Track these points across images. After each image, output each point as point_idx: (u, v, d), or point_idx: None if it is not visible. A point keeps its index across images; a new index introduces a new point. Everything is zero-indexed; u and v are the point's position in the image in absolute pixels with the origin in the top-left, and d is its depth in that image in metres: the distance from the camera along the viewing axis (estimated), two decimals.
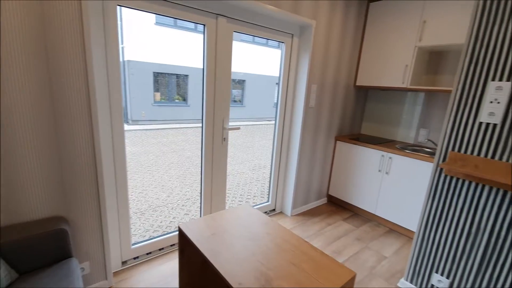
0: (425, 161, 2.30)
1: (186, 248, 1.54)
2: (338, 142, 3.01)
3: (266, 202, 2.91)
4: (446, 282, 1.69)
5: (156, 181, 4.18)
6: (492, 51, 1.40)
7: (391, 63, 2.61)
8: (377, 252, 2.33)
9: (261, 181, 4.47)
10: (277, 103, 2.65)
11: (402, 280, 1.93)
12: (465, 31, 2.14)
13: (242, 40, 11.14)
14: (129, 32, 8.58)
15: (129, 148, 6.22)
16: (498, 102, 1.40)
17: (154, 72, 9.49)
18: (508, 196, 1.41)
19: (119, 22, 1.61)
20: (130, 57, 8.87)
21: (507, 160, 1.40)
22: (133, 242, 2.03)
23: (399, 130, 2.98)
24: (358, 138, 2.96)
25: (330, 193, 3.18)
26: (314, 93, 2.60)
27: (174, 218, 2.98)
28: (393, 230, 2.70)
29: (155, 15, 1.83)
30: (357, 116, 3.26)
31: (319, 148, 2.90)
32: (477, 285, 1.57)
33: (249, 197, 3.76)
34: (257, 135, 9.31)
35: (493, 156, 1.45)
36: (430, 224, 1.73)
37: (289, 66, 2.55)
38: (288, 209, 2.86)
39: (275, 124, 2.71)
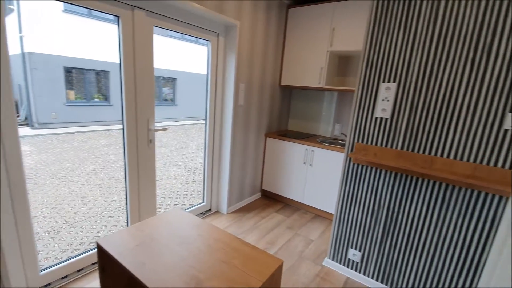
0: (339, 152, 2.63)
1: (108, 266, 1.39)
2: (268, 138, 3.17)
3: (201, 203, 2.86)
4: (359, 254, 1.98)
5: (74, 193, 3.64)
6: (382, 57, 1.69)
7: (309, 65, 2.88)
8: (305, 237, 2.56)
9: (198, 182, 4.37)
10: (206, 101, 2.63)
11: (326, 259, 2.17)
12: None
13: (170, 36, 10.56)
14: (32, 19, 7.15)
15: (36, 157, 5.24)
16: (388, 100, 1.70)
17: (65, 67, 8.16)
18: (398, 177, 1.73)
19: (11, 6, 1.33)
20: (33, 48, 7.41)
21: (396, 147, 1.71)
22: (43, 267, 1.73)
23: (320, 125, 3.32)
24: (286, 134, 3.18)
25: (263, 187, 3.33)
26: (242, 92, 2.67)
27: (98, 232, 2.66)
28: (318, 215, 3.01)
29: (61, 2, 1.58)
30: (284, 113, 3.49)
31: (250, 145, 3.00)
32: (381, 252, 1.88)
33: (185, 199, 3.63)
34: (191, 135, 9.03)
35: (386, 145, 1.75)
36: (344, 206, 2.00)
37: (217, 65, 2.55)
38: (223, 207, 2.88)
39: (205, 123, 2.68)
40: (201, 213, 2.84)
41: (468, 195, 1.51)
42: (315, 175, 2.84)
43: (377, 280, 1.93)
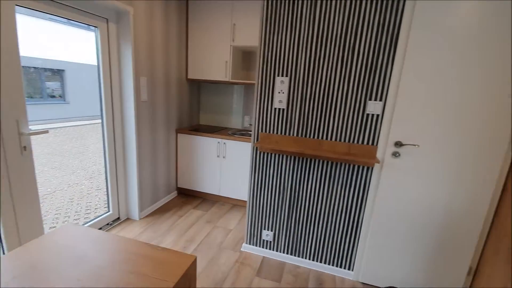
0: (249, 142, 2.78)
1: None
2: (179, 134, 3.05)
3: (107, 213, 2.54)
4: (271, 234, 2.17)
5: None
6: (275, 54, 1.85)
7: (215, 59, 2.89)
8: (224, 228, 2.63)
9: (103, 190, 3.84)
10: (101, 97, 2.30)
11: (244, 244, 2.29)
12: None
13: (53, 20, 8.67)
14: None
15: None
16: (283, 92, 1.89)
17: None
18: (297, 160, 1.96)
19: None
20: None
21: (293, 134, 1.93)
22: None
23: (231, 118, 3.41)
24: (198, 129, 3.13)
25: (179, 185, 3.22)
26: (144, 86, 2.46)
27: None
28: (236, 205, 3.13)
29: None
30: (194, 108, 3.42)
31: (160, 143, 2.82)
32: (289, 228, 2.11)
33: (89, 211, 3.15)
34: (91, 137, 7.82)
35: (285, 133, 1.95)
36: (255, 192, 2.13)
37: (109, 55, 2.25)
38: (135, 213, 2.64)
39: (102, 122, 2.36)
40: (108, 224, 2.53)
41: (347, 169, 1.86)
42: (229, 166, 2.92)
43: (287, 253, 2.16)
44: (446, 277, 1.79)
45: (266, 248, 2.22)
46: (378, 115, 1.72)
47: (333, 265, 2.07)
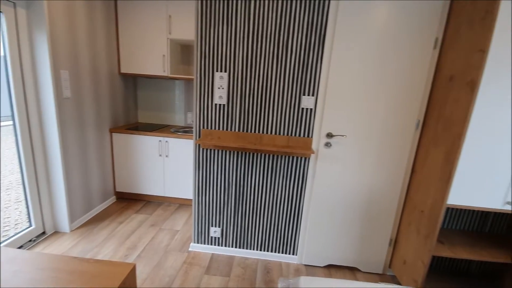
0: (192, 139, 2.70)
1: None
2: (114, 134, 2.80)
3: (29, 228, 2.19)
4: (218, 230, 2.17)
5: None
6: (213, 48, 1.82)
7: (151, 52, 2.71)
8: (171, 229, 2.53)
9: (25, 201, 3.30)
10: (10, 94, 1.96)
11: (192, 243, 2.24)
12: None
13: None
14: None
15: None
16: (223, 88, 1.88)
17: None
18: (240, 155, 1.98)
19: None
20: None
21: (235, 130, 1.94)
22: None
23: (173, 115, 3.26)
24: (137, 127, 2.92)
25: (118, 189, 2.96)
26: (67, 81, 2.17)
27: None
28: (183, 204, 3.03)
29: None
30: (131, 105, 3.17)
31: (91, 144, 2.54)
32: (236, 223, 2.13)
33: (8, 228, 2.67)
34: (4, 142, 6.62)
35: (227, 129, 1.95)
36: (200, 189, 2.10)
37: (19, 46, 1.92)
38: (64, 225, 2.34)
39: (14, 124, 2.01)
40: (31, 240, 2.19)
41: (287, 161, 1.96)
42: (173, 165, 2.80)
43: (236, 247, 2.19)
44: (373, 249, 2.04)
45: (215, 245, 2.21)
46: (311, 109, 1.84)
47: (279, 252, 2.17)
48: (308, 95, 1.82)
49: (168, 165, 2.81)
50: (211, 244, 2.21)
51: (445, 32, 1.63)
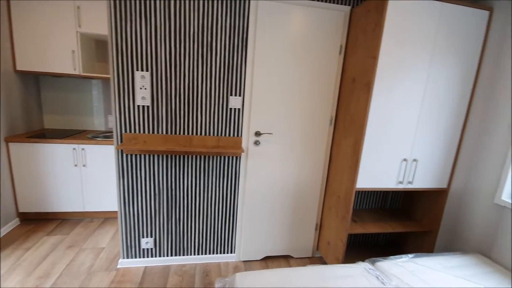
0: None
1: None
2: (11, 144, 2.32)
3: None
4: (151, 240, 2.03)
5: None
6: (131, 45, 1.69)
7: (56, 47, 2.35)
8: (94, 248, 2.24)
9: None
10: None
11: (121, 260, 2.04)
12: None
13: None
14: None
15: None
16: (145, 88, 1.76)
17: None
18: (169, 158, 1.90)
19: None
20: None
21: (162, 133, 1.85)
22: None
23: (91, 119, 2.90)
24: (43, 135, 2.48)
25: (21, 210, 2.47)
26: None
27: None
28: (109, 218, 2.73)
29: None
30: (33, 108, 2.68)
31: None
32: (170, 230, 2.03)
33: None
34: None
35: (153, 132, 1.84)
36: (127, 199, 1.92)
37: None
38: None
39: None
40: None
41: (218, 161, 1.96)
42: (93, 175, 2.49)
43: (172, 255, 2.09)
44: (302, 236, 2.23)
45: (148, 257, 2.06)
46: (239, 109, 1.89)
47: (217, 253, 2.16)
48: (235, 95, 1.87)
49: (86, 176, 2.48)
50: (144, 257, 2.06)
51: (347, 40, 1.89)
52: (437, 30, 1.58)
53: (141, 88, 1.75)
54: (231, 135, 1.93)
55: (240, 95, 1.87)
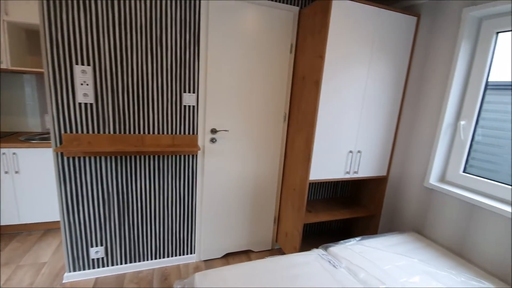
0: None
1: None
2: None
3: None
4: (101, 249, 1.88)
5: None
6: (69, 37, 1.53)
7: None
8: (34, 263, 2.00)
9: None
10: None
11: (66, 274, 1.85)
12: None
13: None
14: None
15: None
16: (87, 84, 1.62)
17: None
18: (119, 160, 1.77)
19: None
20: None
21: (109, 132, 1.72)
22: None
23: (24, 119, 2.56)
24: None
25: None
26: None
27: None
28: (50, 229, 2.45)
29: None
30: None
31: None
32: (123, 236, 1.91)
33: None
34: None
35: (99, 131, 1.70)
36: (70, 207, 1.75)
37: None
38: None
39: None
40: None
41: (174, 160, 1.90)
42: (29, 183, 2.21)
43: (126, 262, 1.97)
44: (262, 230, 2.29)
45: (99, 267, 1.91)
46: (194, 106, 1.85)
47: (176, 255, 2.10)
48: (189, 92, 1.82)
49: (20, 183, 2.19)
50: (94, 268, 1.90)
51: (297, 39, 1.97)
52: (374, 33, 1.75)
53: (82, 84, 1.60)
54: (187, 133, 1.88)
55: (194, 92, 1.83)
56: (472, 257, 1.57)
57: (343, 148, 1.88)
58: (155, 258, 2.05)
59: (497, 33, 1.55)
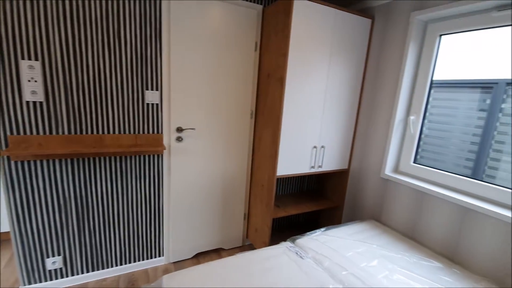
0: None
1: None
2: None
3: None
4: (59, 259, 1.74)
5: None
6: (13, 29, 1.38)
7: None
8: None
9: None
10: None
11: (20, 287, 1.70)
12: None
13: None
14: None
15: None
16: (36, 81, 1.48)
17: None
18: (76, 162, 1.66)
19: None
20: None
21: (63, 133, 1.59)
22: None
23: None
24: None
25: None
26: None
27: None
28: (3, 240, 2.22)
29: None
30: None
31: None
32: (83, 243, 1.79)
33: None
34: None
35: (51, 132, 1.57)
36: (21, 216, 1.60)
37: None
38: None
39: None
40: None
41: (138, 161, 1.82)
42: None
43: (88, 271, 1.85)
44: (232, 227, 2.30)
45: (57, 279, 1.77)
46: (157, 104, 1.79)
47: (143, 259, 2.02)
48: (152, 89, 1.75)
49: None
50: (52, 280, 1.76)
51: (262, 37, 2.00)
52: (333, 33, 1.83)
53: (29, 81, 1.47)
54: (151, 132, 1.82)
55: (157, 90, 1.77)
56: (423, 240, 1.74)
57: (308, 143, 1.96)
58: (121, 264, 1.95)
59: (441, 35, 1.72)
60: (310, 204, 2.26)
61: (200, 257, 2.22)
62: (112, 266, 1.93)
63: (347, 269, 1.40)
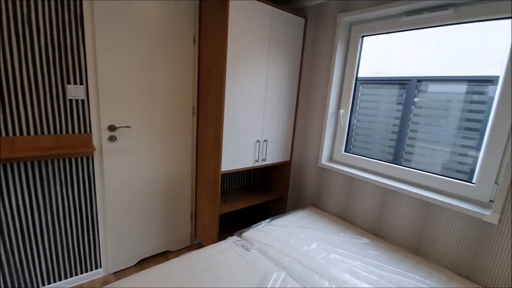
0: None
1: None
2: None
3: None
4: None
5: None
6: None
7: None
8: None
9: None
10: None
11: None
12: None
13: None
14: None
15: None
16: None
17: None
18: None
19: None
20: None
21: None
22: None
23: None
24: None
25: None
26: None
27: None
28: None
29: None
30: None
31: None
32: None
33: None
34: None
35: None
36: None
37: None
38: None
39: None
40: None
41: (62, 165, 1.61)
42: None
43: None
44: (178, 227, 2.22)
45: None
46: (83, 100, 1.60)
47: (77, 274, 1.81)
48: (75, 83, 1.56)
49: None
50: None
51: (200, 30, 1.95)
52: (271, 30, 1.89)
53: None
54: (76, 131, 1.62)
55: (81, 84, 1.58)
56: (354, 220, 1.95)
57: (251, 138, 1.99)
58: (49, 283, 1.72)
59: (363, 36, 1.92)
60: (256, 197, 2.32)
61: (145, 263, 2.09)
62: (38, 287, 1.68)
63: (289, 255, 1.48)
